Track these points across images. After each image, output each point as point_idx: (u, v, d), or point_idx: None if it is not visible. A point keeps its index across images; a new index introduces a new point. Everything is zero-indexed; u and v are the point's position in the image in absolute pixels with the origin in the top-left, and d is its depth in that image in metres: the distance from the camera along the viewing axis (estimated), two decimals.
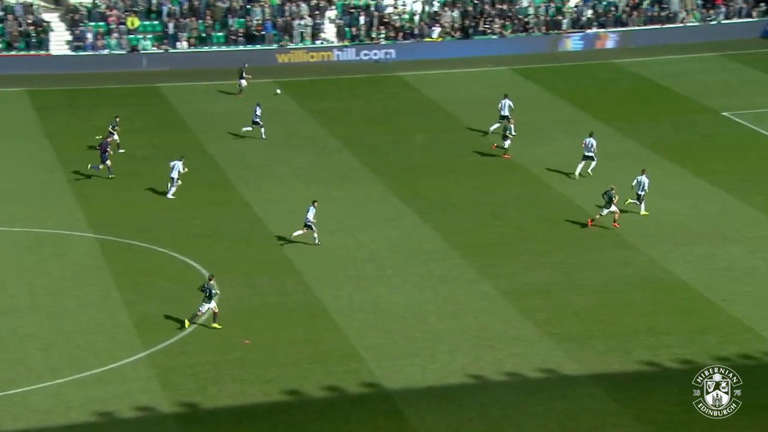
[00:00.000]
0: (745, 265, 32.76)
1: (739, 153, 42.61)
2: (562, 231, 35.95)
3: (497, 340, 29.09)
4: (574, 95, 51.42)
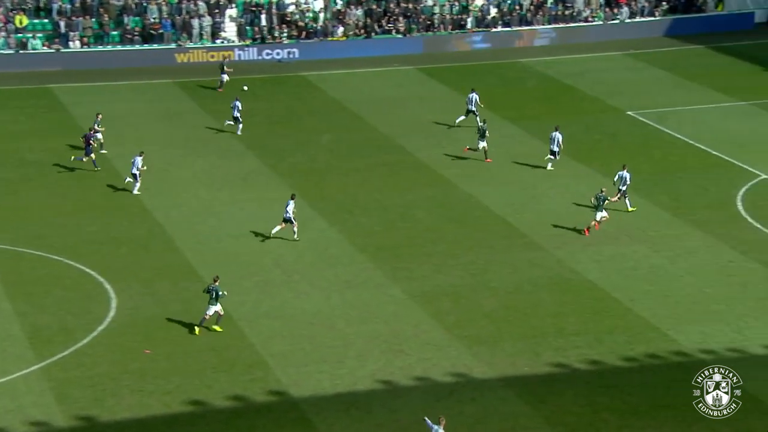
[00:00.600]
0: (650, 265, 33.60)
1: (644, 152, 43.69)
2: (471, 232, 36.35)
3: (407, 344, 29.25)
4: (481, 95, 51.96)
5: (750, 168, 41.10)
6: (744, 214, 36.92)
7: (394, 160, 43.55)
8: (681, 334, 29.37)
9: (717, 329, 29.51)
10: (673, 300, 31.31)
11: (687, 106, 49.10)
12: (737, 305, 30.82)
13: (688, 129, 45.62)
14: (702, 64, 56.36)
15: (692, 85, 52.51)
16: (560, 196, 39.21)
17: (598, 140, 45.52)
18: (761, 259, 33.44)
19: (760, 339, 28.90)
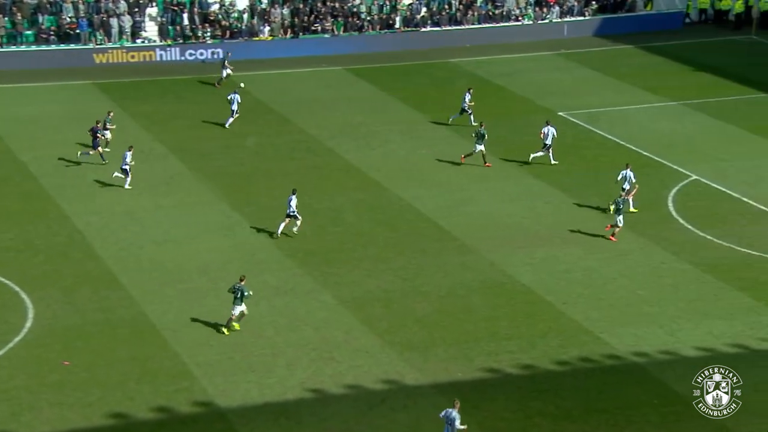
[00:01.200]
0: (583, 267, 34.05)
1: (575, 153, 44.28)
2: (402, 236, 36.48)
3: (338, 351, 29.25)
4: (410, 95, 52.27)
5: (680, 168, 41.90)
6: (675, 215, 37.62)
7: (323, 162, 43.52)
8: (614, 337, 29.81)
9: (650, 331, 30.02)
10: (607, 303, 31.77)
11: (618, 106, 49.88)
12: (669, 307, 31.38)
13: (619, 129, 46.36)
14: (632, 64, 57.32)
15: (622, 85, 53.36)
16: (491, 198, 39.56)
17: (529, 141, 45.96)
18: (692, 260, 34.10)
19: (692, 341, 29.47)
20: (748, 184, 40.05)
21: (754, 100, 50.59)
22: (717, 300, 31.64)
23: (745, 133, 45.68)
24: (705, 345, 29.20)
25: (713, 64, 56.35)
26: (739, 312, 30.86)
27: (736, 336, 29.57)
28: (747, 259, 34.09)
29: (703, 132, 46.44)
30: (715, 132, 46.34)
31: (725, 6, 64.78)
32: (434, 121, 48.16)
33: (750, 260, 34.03)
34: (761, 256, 34.21)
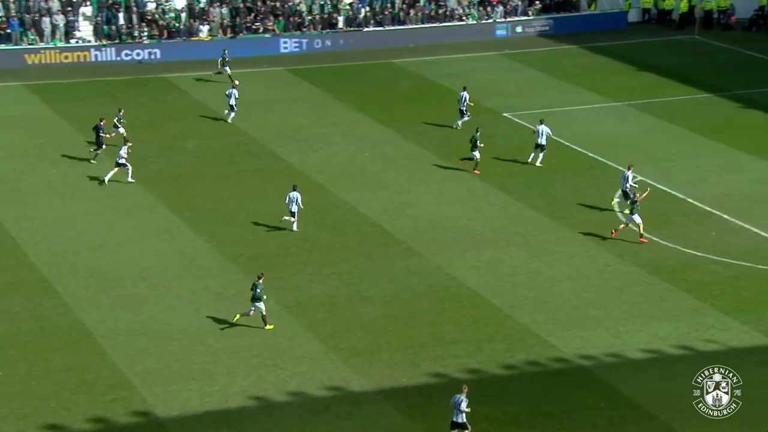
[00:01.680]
0: (529, 270, 34.33)
1: (521, 154, 44.59)
2: (347, 240, 36.49)
3: (281, 358, 29.18)
4: (353, 97, 52.30)
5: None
6: (621, 217, 38.06)
7: (265, 165, 43.39)
8: (560, 340, 30.09)
9: (596, 334, 30.34)
10: (553, 305, 32.06)
11: (563, 107, 50.35)
12: (615, 309, 31.76)
13: (565, 130, 46.80)
14: (577, 64, 57.91)
15: (567, 86, 53.89)
16: (436, 201, 39.73)
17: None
18: (637, 262, 34.54)
19: (638, 343, 29.84)
20: (692, 184, 40.67)
21: (698, 100, 51.40)
22: (662, 302, 32.09)
23: (688, 133, 46.39)
24: (651, 347, 29.60)
25: (657, 64, 57.14)
26: (685, 313, 31.33)
27: (682, 337, 30.01)
28: (692, 260, 34.61)
29: (648, 132, 47.06)
30: (660, 132, 46.98)
31: (668, 6, 65.74)
32: (379, 122, 48.27)
33: (695, 261, 34.56)
34: (706, 257, 34.77)
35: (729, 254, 34.83)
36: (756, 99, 50.88)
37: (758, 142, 44.84)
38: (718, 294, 32.36)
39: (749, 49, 59.52)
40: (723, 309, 31.44)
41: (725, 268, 34.02)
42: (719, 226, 37.02)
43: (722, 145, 44.60)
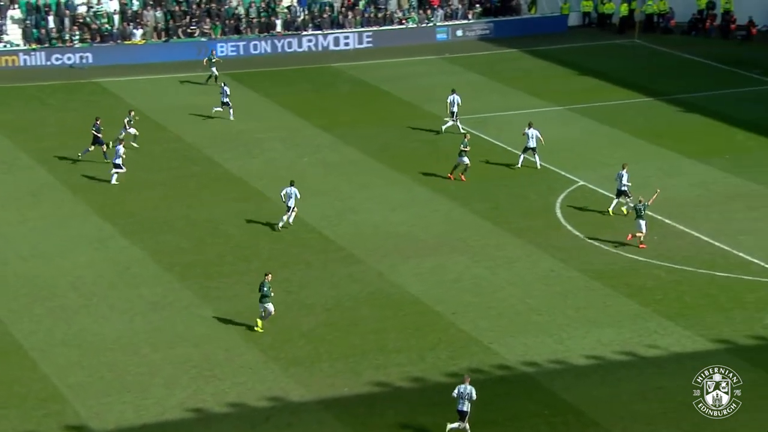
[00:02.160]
0: (472, 275, 34.44)
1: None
2: (286, 247, 36.32)
3: (219, 369, 28.92)
4: (292, 101, 52.15)
5: (568, 174, 42.76)
6: (563, 222, 38.37)
7: (202, 171, 43.06)
8: (504, 347, 30.21)
9: (539, 341, 30.51)
10: (496, 312, 32.18)
11: (504, 111, 50.65)
12: (558, 315, 31.96)
13: (506, 135, 47.08)
14: (518, 68, 58.32)
15: (509, 90, 54.24)
16: (378, 207, 39.72)
17: (416, 147, 46.37)
18: (581, 267, 34.81)
19: (581, 349, 30.06)
20: (634, 188, 41.07)
21: (638, 104, 52.02)
22: (605, 307, 32.37)
23: (629, 137, 46.90)
24: (594, 353, 29.83)
25: (598, 68, 57.75)
26: (627, 319, 31.63)
27: (624, 343, 30.28)
28: (634, 265, 34.97)
29: (589, 137, 47.52)
30: (601, 136, 47.45)
31: (608, 10, 66.50)
32: (319, 127, 48.17)
33: (637, 266, 34.93)
34: (648, 262, 35.15)
35: (670, 259, 35.26)
36: (695, 103, 51.64)
37: (698, 145, 45.50)
38: (660, 299, 32.74)
39: (688, 53, 60.42)
40: (665, 314, 31.80)
41: (667, 272, 34.42)
42: (661, 231, 37.47)
43: (663, 149, 45.17)
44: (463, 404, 25.79)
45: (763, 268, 34.37)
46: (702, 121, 48.98)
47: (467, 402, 25.76)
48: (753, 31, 63.03)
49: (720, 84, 54.56)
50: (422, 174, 42.90)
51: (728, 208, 39.10)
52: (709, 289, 33.26)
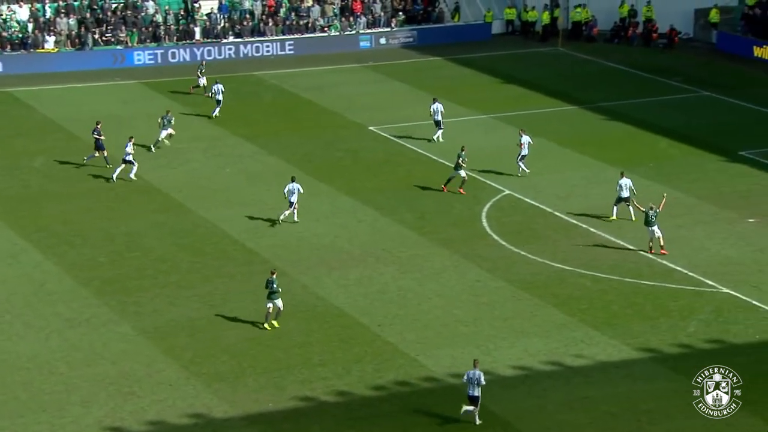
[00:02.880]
0: (398, 287, 34.53)
1: (388, 169, 44.94)
2: (208, 260, 36.07)
3: (138, 385, 28.60)
4: (212, 110, 51.82)
5: (493, 183, 43.13)
6: (489, 231, 38.68)
7: (120, 183, 42.58)
8: (430, 358, 30.32)
9: (466, 352, 30.67)
10: (422, 323, 32.30)
11: (428, 120, 50.91)
12: (485, 326, 32.19)
13: (432, 144, 47.32)
14: (442, 77, 58.69)
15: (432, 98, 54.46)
16: (302, 217, 39.61)
17: (340, 157, 46.41)
18: (507, 278, 35.11)
19: (508, 360, 30.30)
20: (560, 197, 41.63)
21: (563, 113, 52.69)
22: (532, 317, 32.69)
23: (554, 146, 47.46)
24: (521, 364, 30.09)
25: (522, 77, 58.38)
26: (554, 329, 31.97)
27: (551, 353, 30.60)
28: (561, 274, 35.38)
29: (514, 145, 47.95)
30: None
31: (531, 18, 67.31)
32: (240, 137, 47.94)
33: (564, 275, 35.34)
34: (574, 271, 35.59)
35: (597, 268, 35.74)
36: (619, 111, 52.46)
37: (622, 154, 46.21)
38: (586, 308, 33.16)
39: (611, 61, 61.40)
40: (591, 323, 32.22)
41: (593, 281, 34.89)
42: (587, 239, 37.97)
43: (587, 158, 45.81)
44: (473, 389, 26.65)
45: (686, 276, 35.03)
46: (626, 129, 49.78)
47: (477, 387, 26.60)
48: (675, 39, 64.30)
49: (643, 92, 55.52)
50: (346, 184, 42.93)
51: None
52: (635, 297, 33.78)
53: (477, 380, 26.61)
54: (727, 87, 55.72)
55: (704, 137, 48.17)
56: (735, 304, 33.01)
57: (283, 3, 65.23)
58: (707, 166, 42.71)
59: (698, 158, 45.23)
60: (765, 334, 31.19)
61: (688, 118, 51.41)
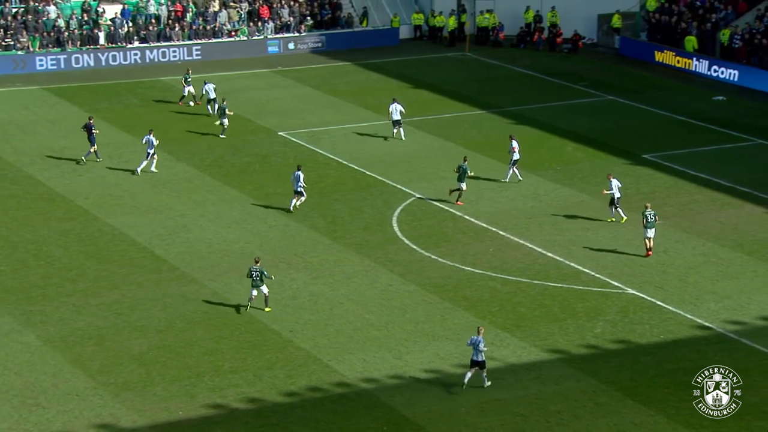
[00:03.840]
0: (309, 292, 34.41)
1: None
2: (115, 268, 35.54)
3: (44, 396, 28.02)
4: (118, 117, 51.16)
5: (403, 188, 43.27)
6: (400, 236, 38.78)
7: (22, 191, 41.75)
8: (342, 363, 30.27)
9: (378, 356, 30.70)
10: (334, 328, 32.23)
11: (339, 125, 50.91)
12: (397, 330, 32.25)
13: (341, 149, 47.34)
14: (351, 82, 58.74)
15: (343, 104, 54.55)
16: (212, 224, 39.28)
17: (249, 163, 46.12)
18: (418, 281, 35.23)
19: (420, 363, 30.38)
20: (469, 201, 41.91)
21: (471, 117, 53.11)
22: (443, 321, 32.84)
23: (463, 150, 47.76)
24: (433, 367, 30.21)
25: (431, 81, 58.72)
26: (465, 331, 32.12)
27: (463, 356, 30.74)
28: (471, 277, 35.62)
29: (424, 150, 48.20)
30: (435, 150, 48.20)
31: (439, 23, 67.75)
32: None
33: (473, 278, 35.59)
34: (484, 274, 35.86)
35: (506, 270, 36.07)
36: (526, 115, 53.07)
37: (529, 157, 46.70)
38: (496, 311, 33.43)
39: (518, 66, 62.11)
40: (501, 325, 32.48)
41: (502, 284, 35.19)
42: (496, 243, 38.30)
43: (496, 162, 46.20)
44: (476, 354, 28.24)
45: (593, 278, 35.55)
46: (533, 132, 50.36)
47: (480, 353, 28.15)
48: (579, 44, 65.31)
49: (549, 96, 56.26)
50: (257, 189, 42.67)
51: (560, 218, 40.30)
52: (543, 299, 34.16)
53: (476, 346, 28.14)
54: (630, 91, 56.76)
55: (609, 140, 49.00)
56: (640, 305, 33.59)
57: (190, 8, 64.64)
58: (612, 169, 43.35)
59: (603, 161, 45.97)
60: (669, 333, 31.80)
61: (593, 121, 52.23)
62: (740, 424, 27.12)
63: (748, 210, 40.95)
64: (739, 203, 41.58)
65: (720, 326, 32.26)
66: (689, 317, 32.72)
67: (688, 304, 33.54)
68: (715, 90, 56.46)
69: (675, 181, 44.06)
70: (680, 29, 61.52)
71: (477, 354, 28.24)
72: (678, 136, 50.01)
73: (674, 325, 31.74)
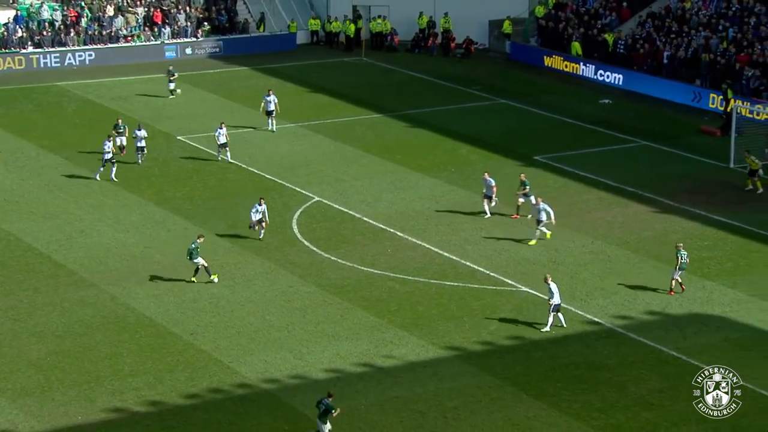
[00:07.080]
0: (210, 295, 34.12)
1: (197, 178, 44.35)
2: (12, 273, 34.80)
3: None
4: (12, 122, 50.07)
5: (302, 190, 43.20)
6: (300, 238, 38.71)
7: None
8: (244, 365, 30.09)
9: (279, 357, 30.61)
10: (235, 330, 32.02)
11: (236, 129, 50.56)
12: (298, 331, 32.19)
13: (240, 153, 47.02)
14: (248, 86, 58.39)
15: (241, 108, 54.19)
16: (110, 228, 38.70)
17: (148, 167, 45.52)
18: (318, 282, 35.22)
19: (320, 363, 30.39)
20: (368, 203, 42.06)
21: (368, 121, 53.27)
22: (343, 320, 32.88)
23: (361, 153, 47.95)
24: (333, 366, 30.23)
25: (328, 86, 58.72)
26: (364, 331, 32.27)
27: (362, 355, 30.87)
28: (370, 278, 35.74)
29: (322, 153, 48.20)
30: (334, 153, 48.24)
31: (335, 28, 67.81)
32: (43, 148, 46.34)
33: (372, 278, 35.71)
34: (383, 274, 36.01)
35: (404, 270, 36.28)
36: (422, 118, 53.45)
37: (425, 160, 47.10)
38: (395, 310, 33.60)
39: (413, 70, 62.49)
40: (400, 324, 32.66)
41: (401, 284, 35.39)
42: (394, 244, 38.49)
43: (393, 164, 46.45)
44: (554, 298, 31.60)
45: (488, 276, 35.98)
46: (428, 136, 50.73)
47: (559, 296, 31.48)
48: (471, 49, 66.01)
49: (443, 100, 56.73)
50: (156, 194, 42.15)
51: (455, 219, 40.68)
52: (440, 298, 34.45)
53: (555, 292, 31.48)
54: (521, 95, 57.58)
55: (502, 143, 49.61)
56: (533, 302, 34.10)
57: (85, 13, 63.54)
58: (505, 171, 43.98)
59: (497, 163, 46.54)
60: (560, 329, 32.34)
61: (486, 124, 52.83)
62: (627, 415, 27.76)
63: (633, 209, 41.89)
64: (625, 202, 42.50)
65: (608, 321, 32.95)
66: (580, 313, 33.34)
67: (578, 300, 34.18)
68: (602, 93, 57.63)
69: (565, 181, 44.84)
70: (567, 35, 62.64)
71: (554, 298, 31.63)
72: (567, 138, 50.91)
73: (565, 320, 32.31)
